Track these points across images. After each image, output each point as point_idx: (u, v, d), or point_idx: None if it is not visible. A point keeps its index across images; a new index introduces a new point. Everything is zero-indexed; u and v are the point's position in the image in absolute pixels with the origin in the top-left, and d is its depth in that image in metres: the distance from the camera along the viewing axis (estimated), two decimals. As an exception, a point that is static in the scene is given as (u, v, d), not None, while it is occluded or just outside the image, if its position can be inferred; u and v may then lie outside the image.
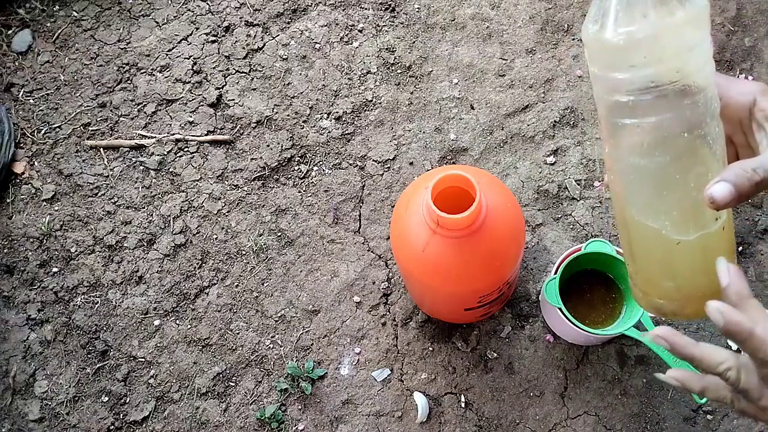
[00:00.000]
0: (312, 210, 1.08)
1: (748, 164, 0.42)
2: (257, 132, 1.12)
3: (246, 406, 0.98)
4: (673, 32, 0.42)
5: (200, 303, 1.04)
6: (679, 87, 0.43)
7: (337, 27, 1.18)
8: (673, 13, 0.41)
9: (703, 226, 0.47)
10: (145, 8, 1.21)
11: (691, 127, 0.44)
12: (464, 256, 0.76)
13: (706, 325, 0.97)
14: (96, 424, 0.98)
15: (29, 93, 1.17)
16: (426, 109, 1.12)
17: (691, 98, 0.43)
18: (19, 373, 1.01)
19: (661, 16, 0.41)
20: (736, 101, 0.46)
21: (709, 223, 0.47)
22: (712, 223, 0.47)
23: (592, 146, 1.08)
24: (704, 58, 0.44)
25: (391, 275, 1.03)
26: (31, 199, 1.10)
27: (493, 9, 1.18)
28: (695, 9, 0.42)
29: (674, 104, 0.43)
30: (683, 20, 0.42)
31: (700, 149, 0.45)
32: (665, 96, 0.43)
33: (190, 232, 1.07)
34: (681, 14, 0.41)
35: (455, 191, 0.74)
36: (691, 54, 0.43)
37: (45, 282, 1.06)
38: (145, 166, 1.11)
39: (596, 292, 0.96)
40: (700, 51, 0.43)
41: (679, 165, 0.45)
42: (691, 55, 0.43)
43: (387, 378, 0.98)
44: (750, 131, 0.46)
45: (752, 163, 0.42)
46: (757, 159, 0.42)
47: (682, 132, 0.44)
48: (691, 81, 0.43)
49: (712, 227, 0.47)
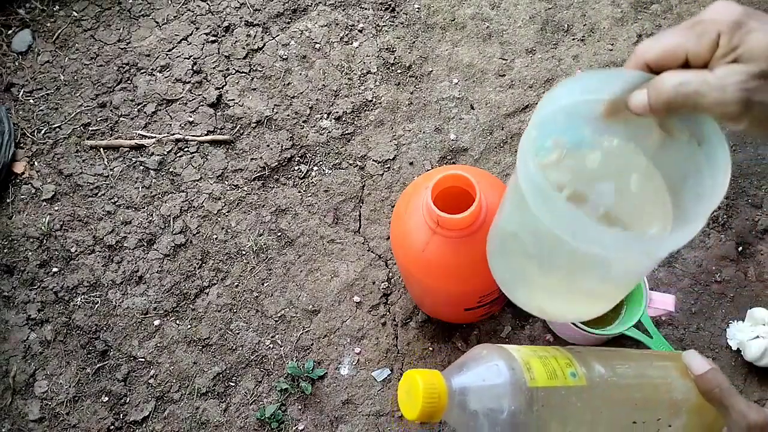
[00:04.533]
0: (312, 210, 1.08)
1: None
2: (257, 132, 1.12)
3: (246, 406, 0.98)
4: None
5: (200, 303, 1.04)
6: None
7: (337, 27, 1.18)
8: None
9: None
10: (145, 8, 1.21)
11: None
12: (464, 256, 0.76)
13: (706, 325, 0.97)
14: (96, 424, 0.98)
15: (29, 93, 1.17)
16: (426, 109, 1.12)
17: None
18: (19, 373, 1.01)
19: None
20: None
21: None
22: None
23: (592, 146, 1.08)
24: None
25: (391, 275, 1.03)
26: (31, 199, 1.10)
27: (493, 9, 1.18)
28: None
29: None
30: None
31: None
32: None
33: (190, 232, 1.07)
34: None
35: (455, 191, 0.74)
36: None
37: (45, 282, 1.06)
38: (145, 166, 1.11)
39: (596, 292, 0.95)
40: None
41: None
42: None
43: (387, 378, 0.98)
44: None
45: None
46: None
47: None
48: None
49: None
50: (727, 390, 0.45)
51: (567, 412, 0.44)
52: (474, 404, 0.44)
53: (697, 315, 0.98)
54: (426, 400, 0.43)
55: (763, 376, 0.93)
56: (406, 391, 0.46)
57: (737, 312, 0.97)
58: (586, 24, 1.16)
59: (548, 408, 0.43)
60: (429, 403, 0.43)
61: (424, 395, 0.43)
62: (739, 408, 0.44)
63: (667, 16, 1.15)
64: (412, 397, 0.44)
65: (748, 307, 0.96)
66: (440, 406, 0.44)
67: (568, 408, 0.44)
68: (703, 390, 0.46)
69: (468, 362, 0.46)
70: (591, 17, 1.16)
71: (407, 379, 0.46)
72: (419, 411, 0.43)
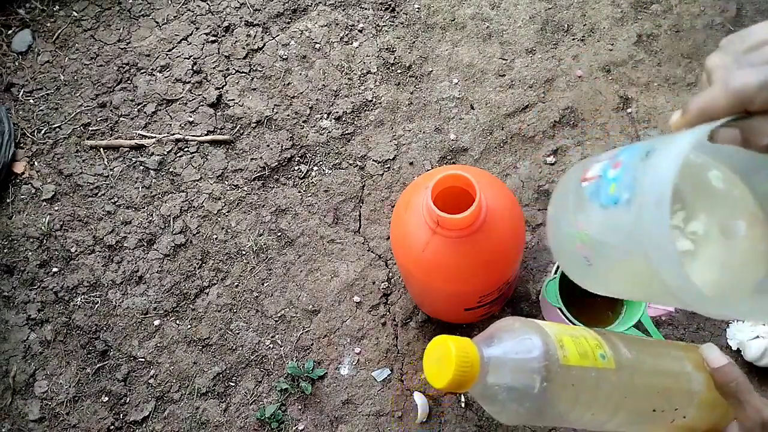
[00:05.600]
0: (312, 210, 1.08)
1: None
2: (257, 132, 1.12)
3: (246, 406, 0.98)
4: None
5: (200, 303, 1.04)
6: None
7: (337, 27, 1.18)
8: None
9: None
10: (145, 8, 1.21)
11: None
12: (464, 256, 0.76)
13: (705, 325, 0.97)
14: (96, 424, 0.98)
15: (29, 93, 1.17)
16: (426, 109, 1.12)
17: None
18: (19, 373, 1.01)
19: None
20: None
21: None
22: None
23: (592, 146, 1.08)
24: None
25: (391, 275, 1.03)
26: (31, 199, 1.10)
27: (493, 9, 1.18)
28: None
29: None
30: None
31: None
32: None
33: (190, 232, 1.07)
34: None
35: (455, 191, 0.74)
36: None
37: (45, 282, 1.06)
38: (145, 166, 1.11)
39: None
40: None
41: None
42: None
43: (387, 378, 0.98)
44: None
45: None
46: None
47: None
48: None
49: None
50: (743, 385, 0.45)
51: (594, 394, 0.42)
52: (503, 377, 0.41)
53: (696, 315, 0.98)
54: (459, 368, 0.41)
55: (763, 376, 0.93)
56: (437, 358, 0.43)
57: (737, 312, 0.97)
58: (586, 24, 1.16)
59: (578, 388, 0.41)
60: (461, 372, 0.41)
61: (457, 363, 0.41)
62: (754, 403, 0.43)
63: (667, 16, 1.15)
64: (443, 364, 0.42)
65: (748, 307, 0.96)
66: (471, 376, 0.41)
67: (596, 390, 0.42)
68: (720, 383, 0.45)
69: (500, 333, 0.44)
70: (591, 17, 1.16)
71: (438, 345, 0.43)
72: (450, 379, 0.41)
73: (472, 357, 0.42)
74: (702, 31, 1.13)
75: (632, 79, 1.11)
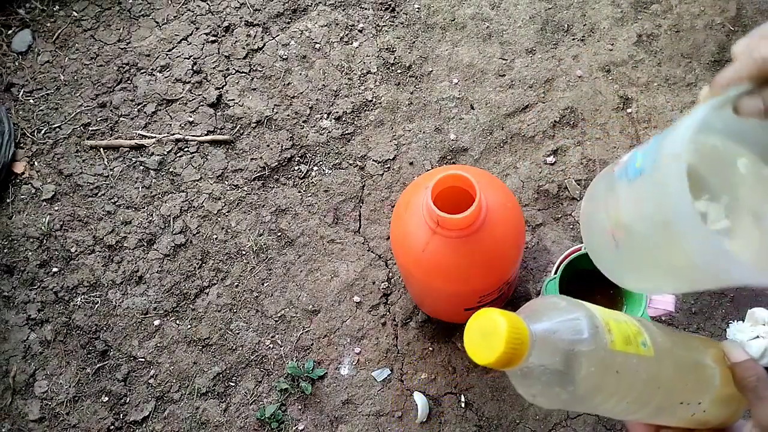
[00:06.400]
0: (312, 210, 1.08)
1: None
2: (257, 132, 1.12)
3: (246, 406, 0.98)
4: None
5: (200, 303, 1.04)
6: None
7: (337, 27, 1.18)
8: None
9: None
10: (145, 8, 1.21)
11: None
12: (464, 256, 0.76)
13: (706, 325, 0.97)
14: (96, 424, 0.98)
15: (29, 93, 1.17)
16: (426, 109, 1.12)
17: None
18: (19, 373, 1.01)
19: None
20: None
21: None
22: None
23: (592, 146, 1.08)
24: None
25: (391, 275, 1.03)
26: (31, 199, 1.10)
27: (493, 9, 1.18)
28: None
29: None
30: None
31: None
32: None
33: (190, 232, 1.07)
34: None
35: (455, 191, 0.74)
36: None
37: (45, 282, 1.06)
38: (145, 166, 1.11)
39: (596, 292, 0.95)
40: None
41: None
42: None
43: (387, 378, 0.98)
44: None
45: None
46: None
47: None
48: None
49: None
50: (764, 380, 0.45)
51: (634, 382, 0.40)
52: (549, 358, 0.39)
53: (697, 315, 0.98)
54: (509, 344, 0.37)
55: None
56: (483, 333, 0.39)
57: (737, 312, 0.97)
58: (586, 24, 1.16)
59: (621, 375, 0.39)
60: (512, 348, 0.37)
61: (508, 339, 0.37)
62: None
63: (667, 16, 1.15)
64: (491, 339, 0.38)
65: (748, 307, 0.96)
66: (521, 353, 0.38)
67: (636, 378, 0.40)
68: (740, 377, 0.45)
69: (545, 311, 0.41)
70: (591, 17, 1.16)
71: (484, 319, 0.39)
72: (499, 355, 0.38)
73: (523, 334, 0.38)
74: (702, 31, 1.13)
75: (632, 79, 1.11)
